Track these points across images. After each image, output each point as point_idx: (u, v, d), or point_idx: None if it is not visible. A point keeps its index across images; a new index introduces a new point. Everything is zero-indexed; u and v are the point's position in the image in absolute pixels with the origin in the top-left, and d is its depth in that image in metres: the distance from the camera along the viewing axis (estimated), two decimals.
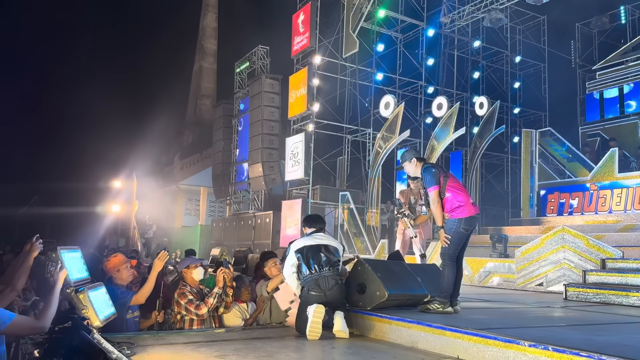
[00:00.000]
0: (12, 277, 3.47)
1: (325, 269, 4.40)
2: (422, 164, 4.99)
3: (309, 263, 4.42)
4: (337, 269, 4.49)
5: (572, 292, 6.76)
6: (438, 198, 4.70)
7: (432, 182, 4.71)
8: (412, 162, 5.01)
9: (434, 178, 4.72)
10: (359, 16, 15.95)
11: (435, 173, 4.76)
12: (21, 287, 3.57)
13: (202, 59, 35.39)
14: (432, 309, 4.58)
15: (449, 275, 4.67)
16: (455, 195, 4.72)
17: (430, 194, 4.72)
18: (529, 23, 20.23)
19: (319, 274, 4.38)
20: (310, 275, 4.39)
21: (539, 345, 3.12)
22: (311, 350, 3.93)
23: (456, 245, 4.69)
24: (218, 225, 22.22)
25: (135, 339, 4.10)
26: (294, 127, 17.29)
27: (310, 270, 4.40)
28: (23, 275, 3.49)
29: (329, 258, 4.47)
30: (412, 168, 5.03)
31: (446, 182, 4.75)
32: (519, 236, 12.38)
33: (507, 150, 19.65)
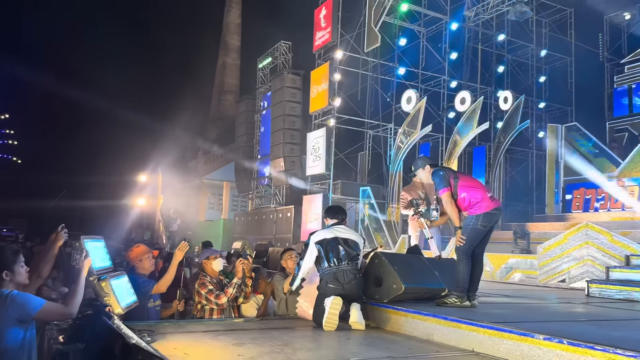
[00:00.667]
0: (38, 265, 3.61)
1: (344, 262, 4.44)
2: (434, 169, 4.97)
3: (328, 256, 4.46)
4: (356, 263, 4.53)
5: (594, 289, 6.67)
6: (451, 199, 4.69)
7: (441, 185, 4.70)
8: (425, 168, 5.03)
9: (443, 180, 4.70)
10: (381, 10, 15.86)
11: (444, 175, 4.74)
12: (46, 274, 3.71)
13: (226, 55, 35.66)
14: (449, 302, 4.58)
15: (464, 270, 4.66)
16: (471, 193, 4.69)
17: (442, 197, 4.71)
18: (555, 16, 19.84)
19: (338, 267, 4.42)
20: (329, 269, 4.44)
21: (553, 338, 3.12)
22: (327, 340, 3.99)
23: (472, 241, 4.67)
24: (240, 220, 22.44)
25: (155, 327, 4.20)
26: (315, 122, 17.34)
27: (329, 263, 4.44)
28: (48, 263, 3.63)
29: (348, 252, 4.50)
30: (426, 175, 5.04)
31: (457, 183, 4.72)
32: (543, 232, 12.22)
33: (532, 146, 19.34)
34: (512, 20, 18.03)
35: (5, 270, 3.20)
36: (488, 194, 4.76)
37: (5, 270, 3.20)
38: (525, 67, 19.88)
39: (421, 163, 5.12)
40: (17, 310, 3.10)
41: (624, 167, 13.63)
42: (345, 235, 4.63)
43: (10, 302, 3.09)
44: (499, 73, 19.04)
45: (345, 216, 4.98)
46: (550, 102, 19.99)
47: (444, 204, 4.74)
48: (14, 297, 3.11)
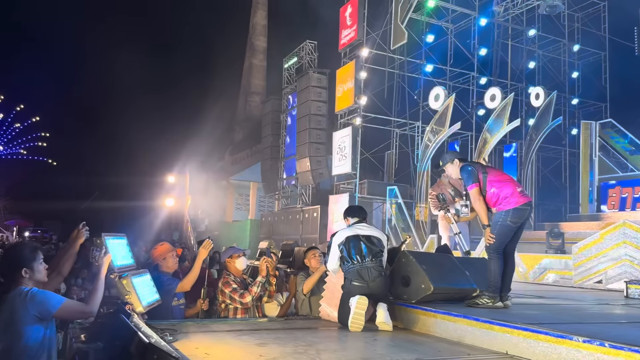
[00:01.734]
0: (58, 262, 3.59)
1: (367, 259, 4.31)
2: (462, 163, 4.83)
3: (351, 254, 4.34)
4: (380, 260, 4.39)
5: (633, 290, 6.37)
6: (479, 195, 4.53)
7: (469, 180, 4.56)
8: (454, 162, 4.87)
9: (471, 176, 4.57)
10: (408, 7, 15.65)
11: (472, 171, 4.60)
12: (67, 272, 3.68)
13: (252, 57, 35.79)
14: (481, 303, 4.40)
15: (495, 269, 4.49)
16: (500, 188, 4.53)
17: (471, 193, 4.56)
18: (588, 10, 19.28)
19: (361, 264, 4.29)
20: (352, 266, 4.31)
21: (594, 341, 2.92)
22: (353, 342, 3.85)
23: (502, 238, 4.49)
24: (267, 220, 22.46)
25: (178, 326, 4.14)
26: (341, 122, 17.21)
27: (352, 260, 4.32)
28: (69, 261, 3.60)
29: (370, 248, 4.36)
30: (454, 170, 4.88)
31: (486, 178, 4.57)
32: (577, 232, 11.84)
33: (565, 143, 18.83)
34: (542, 15, 17.59)
35: (24, 267, 3.17)
36: (518, 189, 4.59)
37: (25, 267, 3.17)
38: (557, 63, 19.37)
39: (449, 157, 4.96)
40: (37, 308, 3.06)
41: None
42: (367, 232, 4.50)
43: (30, 299, 3.06)
44: (529, 69, 18.58)
45: (366, 215, 4.86)
46: (583, 98, 19.44)
47: (471, 200, 4.60)
48: (34, 294, 3.08)
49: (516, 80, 18.14)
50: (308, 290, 5.11)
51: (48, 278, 3.30)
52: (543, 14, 16.93)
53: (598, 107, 19.32)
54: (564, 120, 18.48)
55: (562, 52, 19.22)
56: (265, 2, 36.45)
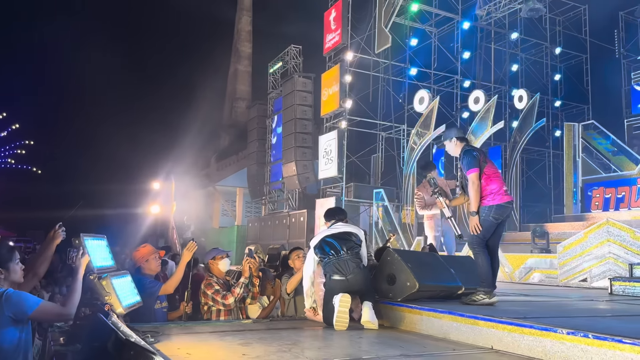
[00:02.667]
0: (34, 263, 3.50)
1: (343, 252, 4.29)
2: (464, 145, 4.82)
3: (325, 251, 4.35)
4: (356, 252, 4.37)
5: (617, 287, 6.42)
6: (478, 181, 4.55)
7: (471, 165, 4.56)
8: (452, 141, 4.86)
9: (474, 161, 4.57)
10: (392, 11, 15.72)
11: (476, 157, 4.62)
12: (43, 273, 3.60)
13: (238, 62, 35.74)
14: (478, 299, 4.39)
15: (483, 262, 4.50)
16: (488, 182, 4.58)
17: (470, 177, 4.56)
18: (569, 13, 19.54)
19: (337, 257, 4.28)
20: (329, 260, 4.30)
21: (577, 332, 2.92)
22: (338, 340, 3.81)
23: (484, 232, 4.53)
24: (254, 225, 22.34)
25: (161, 328, 4.06)
26: (327, 125, 17.19)
27: (328, 256, 4.31)
28: (45, 262, 3.52)
29: (345, 241, 4.37)
30: (452, 147, 4.88)
31: (483, 168, 4.61)
32: (562, 232, 11.94)
33: (549, 145, 19.00)
34: (525, 18, 17.78)
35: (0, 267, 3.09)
36: (504, 187, 4.65)
37: (0, 267, 3.09)
38: (539, 66, 19.58)
39: (449, 134, 4.93)
40: (12, 309, 2.98)
41: None
42: (341, 230, 4.52)
43: (5, 300, 2.97)
44: (512, 72, 18.76)
45: (344, 215, 4.86)
46: (566, 100, 19.67)
47: (469, 184, 4.57)
48: (9, 295, 3.00)
49: (499, 83, 18.29)
50: (292, 289, 5.06)
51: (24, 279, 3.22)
52: (525, 17, 17.12)
53: (580, 109, 19.55)
54: (547, 122, 18.66)
55: (544, 54, 19.44)
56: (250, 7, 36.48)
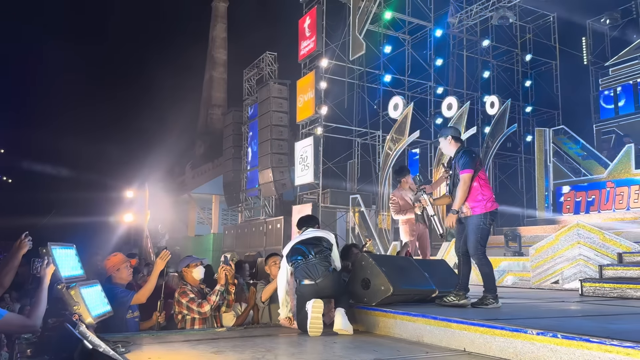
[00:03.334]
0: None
1: (311, 256, 4.29)
2: (460, 145, 4.90)
3: (296, 257, 4.35)
4: (325, 256, 4.36)
5: (588, 288, 6.54)
6: (469, 182, 4.64)
7: (467, 165, 4.64)
8: (447, 138, 4.92)
9: (471, 162, 4.66)
10: (365, 18, 15.86)
11: (475, 158, 4.73)
12: (8, 283, 3.50)
13: (213, 69, 35.59)
14: (489, 304, 4.51)
15: (489, 271, 4.62)
16: (483, 187, 4.68)
17: (463, 176, 4.63)
18: (539, 21, 19.99)
19: (306, 261, 4.28)
20: (298, 265, 4.30)
21: (547, 332, 2.96)
22: (312, 345, 3.80)
23: (484, 241, 4.64)
24: (230, 233, 22.18)
25: (132, 338, 4.00)
26: (302, 132, 17.22)
27: (297, 261, 4.31)
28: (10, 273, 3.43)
29: (313, 245, 4.37)
30: (446, 144, 4.96)
31: (478, 172, 4.71)
32: (535, 236, 12.13)
33: (521, 150, 19.35)
34: (496, 26, 18.13)
35: None
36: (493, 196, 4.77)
37: None
38: (510, 72, 19.96)
39: (445, 132, 4.99)
40: None
41: (613, 168, 13.64)
42: (310, 235, 4.53)
43: None
44: (484, 78, 19.08)
45: (315, 222, 4.88)
46: (536, 106, 20.06)
47: (461, 182, 4.62)
48: None
49: (472, 90, 18.58)
50: (266, 298, 5.02)
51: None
52: (496, 25, 17.43)
53: (551, 115, 19.97)
54: (519, 127, 19.00)
55: (515, 61, 19.83)
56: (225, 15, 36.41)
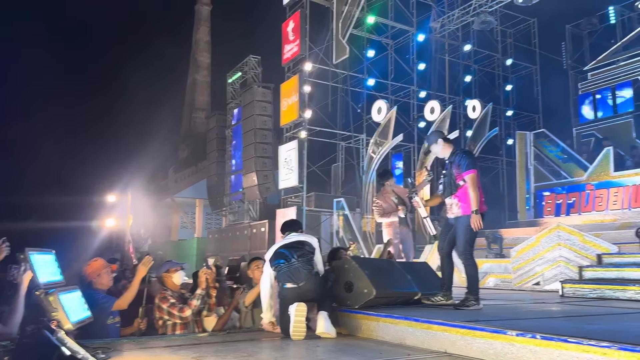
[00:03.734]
0: None
1: (294, 259, 4.30)
2: (453, 147, 4.95)
3: (278, 261, 4.35)
4: (308, 259, 4.37)
5: (568, 289, 6.63)
6: (478, 181, 4.67)
7: (472, 165, 4.67)
8: (438, 143, 4.96)
9: (475, 162, 4.73)
10: (348, 23, 15.93)
11: (475, 158, 4.81)
12: None
13: (196, 72, 35.45)
14: (470, 305, 4.56)
15: (474, 273, 4.67)
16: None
17: (470, 176, 4.63)
18: (520, 26, 20.27)
19: (289, 265, 4.29)
20: (281, 269, 4.31)
21: (526, 334, 3.00)
22: (295, 349, 3.80)
23: (472, 242, 4.70)
24: (214, 237, 22.06)
25: (113, 344, 3.96)
26: (286, 135, 17.21)
27: (280, 265, 4.32)
28: None
29: (296, 249, 4.38)
30: (439, 149, 4.97)
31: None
32: (516, 238, 12.26)
33: (502, 153, 19.57)
34: (477, 31, 18.34)
35: None
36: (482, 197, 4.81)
37: None
38: (492, 77, 20.20)
39: (433, 138, 5.03)
40: None
41: (592, 171, 13.86)
42: (293, 239, 4.54)
43: None
44: (466, 82, 19.28)
45: (298, 226, 4.88)
46: (517, 110, 20.32)
47: (470, 182, 4.62)
48: None
49: (454, 94, 18.76)
50: (250, 302, 5.00)
51: None
52: (477, 29, 17.64)
53: (531, 118, 20.25)
54: (500, 131, 19.23)
55: (496, 66, 20.08)
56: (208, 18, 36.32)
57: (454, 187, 4.75)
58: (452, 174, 4.77)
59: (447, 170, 4.86)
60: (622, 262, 6.91)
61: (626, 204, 12.77)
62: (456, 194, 4.73)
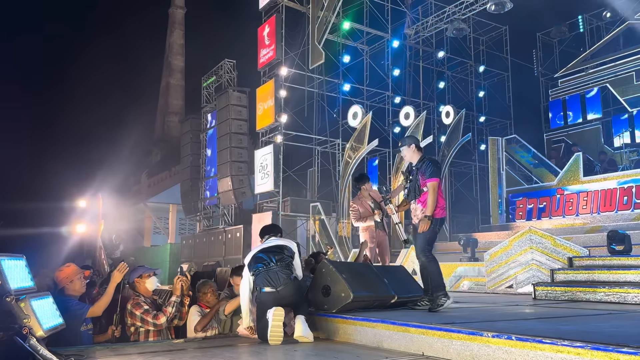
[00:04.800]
0: None
1: (272, 263, 4.29)
2: (422, 154, 5.17)
3: (257, 265, 4.33)
4: (286, 264, 4.37)
5: (540, 292, 6.75)
6: (438, 189, 4.91)
7: (435, 174, 4.92)
8: (410, 147, 5.17)
9: (438, 171, 4.98)
10: (324, 28, 16.01)
11: (440, 168, 5.09)
12: None
13: (170, 76, 35.06)
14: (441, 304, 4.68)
15: (435, 269, 4.84)
16: (439, 196, 4.95)
17: (432, 184, 4.87)
18: (492, 34, 20.67)
19: (267, 269, 4.28)
20: (259, 273, 4.28)
21: (502, 335, 3.05)
22: (272, 354, 3.77)
23: (431, 242, 4.92)
24: (188, 242, 21.79)
25: (86, 351, 3.88)
26: (262, 140, 17.14)
27: (258, 269, 4.29)
28: None
29: (273, 253, 4.38)
30: (409, 153, 5.19)
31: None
32: (489, 241, 12.46)
33: (475, 158, 19.87)
34: (450, 38, 18.65)
35: None
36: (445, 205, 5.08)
37: None
38: (464, 83, 20.53)
39: (408, 141, 5.24)
40: None
41: (562, 176, 14.18)
42: (272, 244, 4.54)
43: None
44: (440, 89, 19.55)
45: (277, 231, 4.88)
46: (490, 115, 20.68)
47: (430, 190, 4.86)
48: None
49: (428, 100, 19.00)
50: (230, 312, 4.94)
51: None
52: (451, 36, 17.92)
53: (503, 124, 20.63)
54: (473, 136, 19.54)
55: (469, 72, 20.42)
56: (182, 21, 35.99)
57: (417, 192, 5.02)
58: (417, 179, 5.02)
59: (413, 175, 5.13)
60: (593, 264, 7.07)
61: (595, 209, 13.10)
62: (419, 199, 5.00)
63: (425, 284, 5.03)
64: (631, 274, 6.23)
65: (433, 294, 4.77)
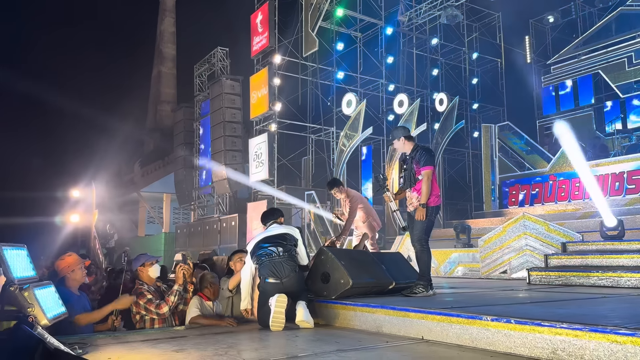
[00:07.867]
0: None
1: (276, 254, 4.32)
2: (414, 142, 5.18)
3: (259, 254, 4.36)
4: (290, 253, 4.41)
5: (535, 277, 6.85)
6: (434, 178, 4.97)
7: (429, 162, 4.95)
8: (400, 140, 5.19)
9: (432, 159, 5.01)
10: (317, 15, 15.94)
11: (434, 156, 5.13)
12: None
13: (161, 64, 34.73)
14: (418, 292, 4.71)
15: (426, 260, 4.88)
16: (434, 184, 5.00)
17: (425, 172, 4.92)
18: (485, 20, 20.66)
19: (271, 259, 4.31)
20: (263, 263, 4.32)
21: (501, 318, 3.11)
22: (274, 340, 3.83)
23: (428, 231, 4.95)
24: (182, 232, 21.80)
25: (89, 339, 3.92)
26: (256, 128, 17.12)
27: (262, 259, 4.33)
28: None
29: (279, 243, 4.40)
30: (400, 145, 5.22)
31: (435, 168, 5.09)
32: (483, 228, 12.56)
33: (468, 145, 19.94)
34: (444, 25, 18.61)
35: None
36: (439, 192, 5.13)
37: None
38: (458, 70, 20.53)
39: (398, 134, 5.23)
40: None
41: (555, 162, 14.28)
42: (276, 232, 4.56)
43: None
44: (433, 76, 19.53)
45: (279, 215, 4.90)
46: (483, 103, 20.73)
47: (424, 178, 4.90)
48: None
49: (421, 87, 19.00)
50: (234, 286, 4.95)
51: None
52: (444, 23, 17.89)
53: (496, 111, 20.69)
54: (466, 123, 19.59)
55: (462, 59, 20.41)
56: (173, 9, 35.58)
57: (413, 181, 5.06)
58: (412, 168, 5.06)
59: (407, 164, 5.17)
60: (586, 249, 7.17)
61: (587, 195, 13.21)
62: (415, 188, 5.04)
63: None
64: (624, 259, 6.33)
65: (415, 281, 4.86)
